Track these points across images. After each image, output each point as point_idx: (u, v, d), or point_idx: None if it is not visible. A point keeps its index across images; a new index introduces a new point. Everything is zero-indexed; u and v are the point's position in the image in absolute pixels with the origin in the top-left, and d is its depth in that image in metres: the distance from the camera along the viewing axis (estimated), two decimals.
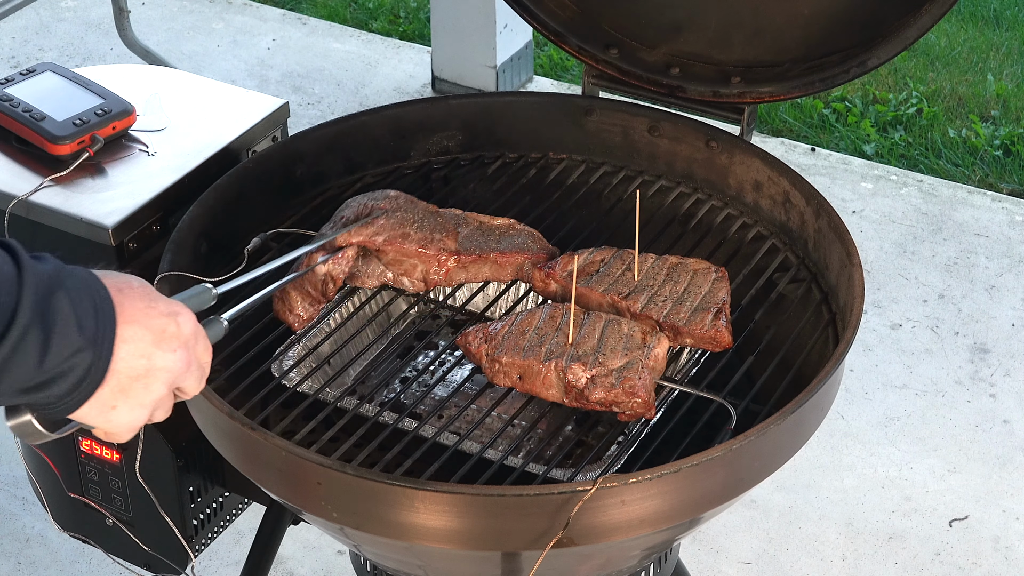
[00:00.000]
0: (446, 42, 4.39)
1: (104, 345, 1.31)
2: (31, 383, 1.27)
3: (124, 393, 1.35)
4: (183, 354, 1.39)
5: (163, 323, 1.37)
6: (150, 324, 1.36)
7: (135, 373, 1.35)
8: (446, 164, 2.29)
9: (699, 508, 1.71)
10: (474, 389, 1.96)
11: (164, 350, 1.37)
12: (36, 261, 1.28)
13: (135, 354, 1.35)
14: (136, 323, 1.35)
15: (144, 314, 1.36)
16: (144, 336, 1.35)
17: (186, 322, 1.40)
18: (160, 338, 1.37)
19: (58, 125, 2.08)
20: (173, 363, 1.38)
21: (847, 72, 2.08)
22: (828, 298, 2.00)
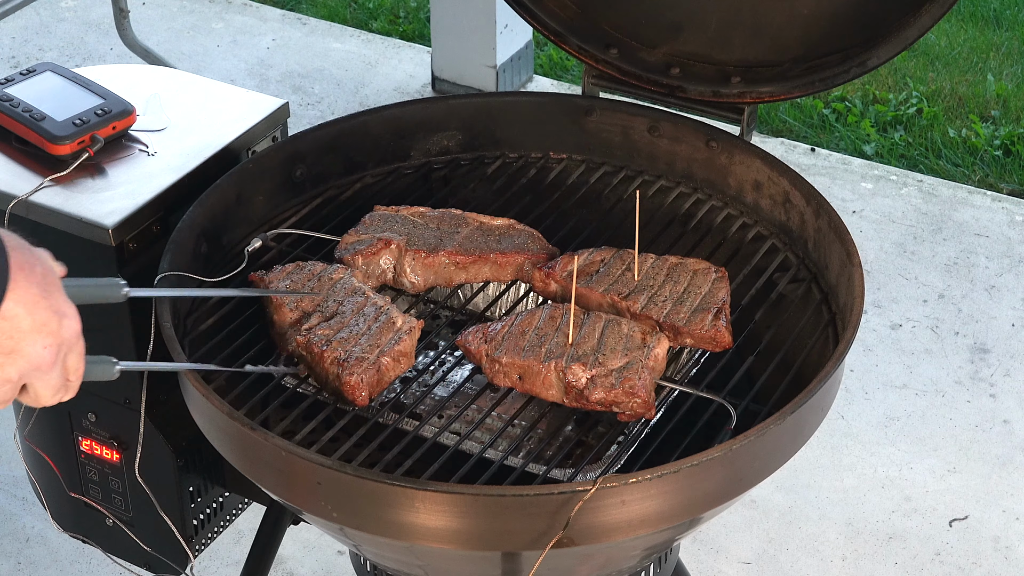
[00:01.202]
0: (446, 42, 4.39)
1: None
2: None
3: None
4: (51, 353, 1.38)
5: (46, 316, 1.36)
6: (34, 312, 1.35)
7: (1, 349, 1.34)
8: (446, 164, 2.29)
9: (699, 508, 1.71)
10: (474, 389, 1.96)
11: (35, 341, 1.36)
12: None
13: (6, 333, 1.33)
14: (21, 305, 1.33)
15: (33, 301, 1.34)
16: (24, 320, 1.34)
17: (69, 325, 1.39)
18: (37, 329, 1.36)
19: (58, 125, 2.08)
20: (38, 356, 1.37)
21: (847, 72, 2.08)
22: (828, 298, 2.00)
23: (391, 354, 1.82)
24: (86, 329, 2.09)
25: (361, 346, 1.83)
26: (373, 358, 1.82)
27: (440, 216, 2.08)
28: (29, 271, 1.34)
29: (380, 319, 1.87)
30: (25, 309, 1.34)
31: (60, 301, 1.38)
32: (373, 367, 1.81)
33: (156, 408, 2.10)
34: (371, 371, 1.80)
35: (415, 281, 2.01)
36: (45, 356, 1.37)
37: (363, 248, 2.00)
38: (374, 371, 1.80)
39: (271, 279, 1.95)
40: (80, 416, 2.17)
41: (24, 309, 1.34)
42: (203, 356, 1.89)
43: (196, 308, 1.98)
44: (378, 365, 1.81)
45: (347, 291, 1.92)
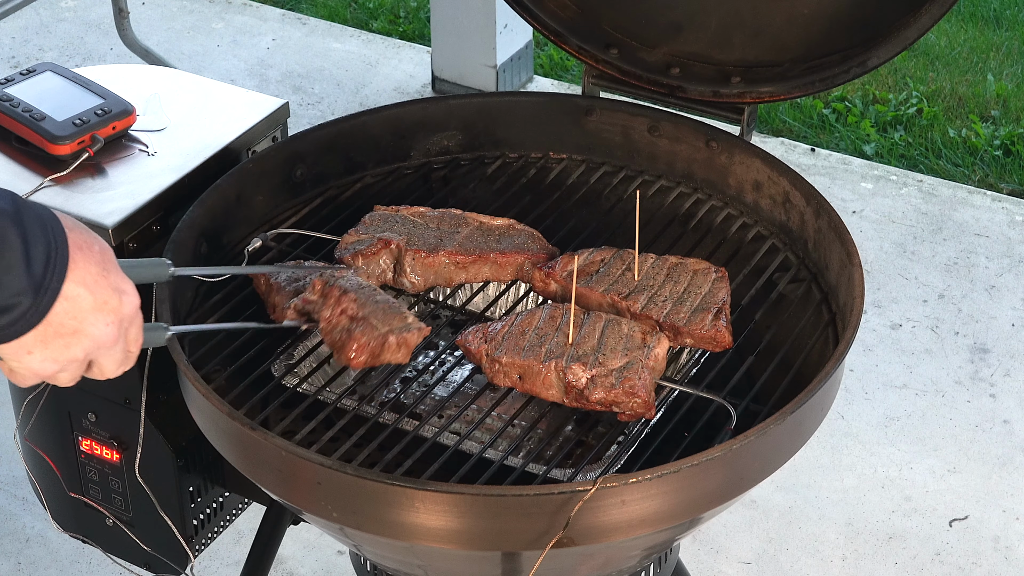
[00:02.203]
0: (446, 42, 4.39)
1: (46, 296, 1.32)
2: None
3: (44, 344, 1.36)
4: (113, 330, 1.40)
5: (107, 295, 1.38)
6: (95, 291, 1.37)
7: (63, 331, 1.36)
8: (446, 164, 2.29)
9: (699, 508, 1.71)
10: (474, 389, 1.96)
11: (98, 320, 1.38)
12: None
13: (70, 314, 1.36)
14: (83, 285, 1.36)
15: (93, 280, 1.37)
16: (85, 300, 1.36)
17: (129, 302, 1.41)
18: (99, 307, 1.38)
19: (58, 125, 2.08)
20: (101, 334, 1.39)
21: (847, 72, 2.08)
22: (828, 298, 2.00)
23: (399, 338, 1.82)
24: None
25: (377, 317, 1.83)
26: (383, 331, 1.81)
27: (440, 216, 2.08)
28: (88, 250, 1.37)
29: (391, 308, 1.86)
30: (87, 289, 1.36)
31: (119, 278, 1.41)
32: (380, 337, 1.80)
33: (156, 408, 2.10)
34: (378, 340, 1.79)
35: (415, 281, 2.01)
36: (108, 333, 1.40)
37: (363, 248, 2.00)
38: (379, 342, 1.79)
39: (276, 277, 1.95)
40: (80, 416, 2.17)
41: (85, 289, 1.36)
42: (203, 356, 1.89)
43: (196, 308, 1.98)
44: (384, 339, 1.80)
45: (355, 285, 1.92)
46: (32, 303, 1.32)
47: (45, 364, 1.38)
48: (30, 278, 1.30)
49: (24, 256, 1.29)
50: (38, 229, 1.32)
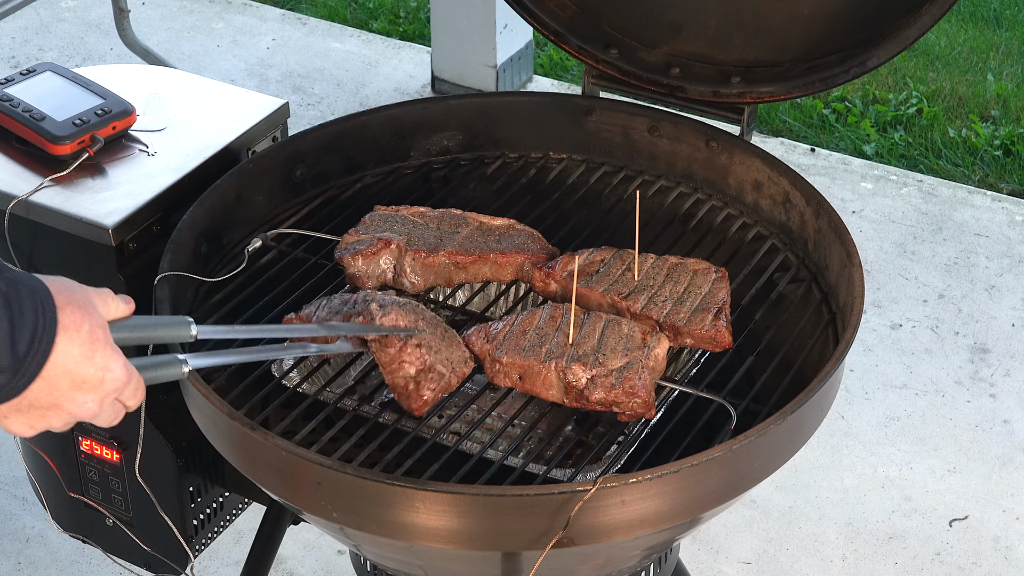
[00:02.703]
0: (446, 42, 4.39)
1: (25, 375, 1.33)
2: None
3: (21, 413, 1.38)
4: (94, 405, 1.40)
5: (90, 374, 1.38)
6: (76, 371, 1.37)
7: (40, 405, 1.37)
8: (446, 164, 2.29)
9: (699, 508, 1.71)
10: (474, 389, 1.96)
11: (77, 398, 1.39)
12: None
13: (47, 392, 1.36)
14: (63, 366, 1.36)
15: (75, 361, 1.37)
16: (63, 381, 1.37)
17: (113, 379, 1.40)
18: (78, 387, 1.38)
19: (58, 125, 2.08)
20: (80, 409, 1.40)
21: (847, 72, 2.08)
22: (828, 298, 2.00)
23: (458, 374, 1.82)
24: None
25: (438, 357, 1.81)
26: (447, 375, 1.80)
27: (440, 216, 2.08)
28: (75, 331, 1.36)
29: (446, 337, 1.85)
30: (65, 370, 1.36)
31: (104, 357, 1.39)
32: (445, 384, 1.80)
33: (156, 408, 2.10)
34: (443, 385, 1.80)
35: (415, 281, 2.01)
36: (88, 408, 1.40)
37: (363, 248, 2.00)
38: (443, 388, 1.80)
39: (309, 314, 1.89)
40: None
41: (64, 370, 1.36)
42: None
43: (195, 309, 1.98)
44: (448, 382, 1.81)
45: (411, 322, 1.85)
46: (10, 380, 1.32)
47: (21, 428, 1.39)
48: (13, 358, 1.31)
49: (9, 338, 1.30)
50: (29, 308, 1.32)
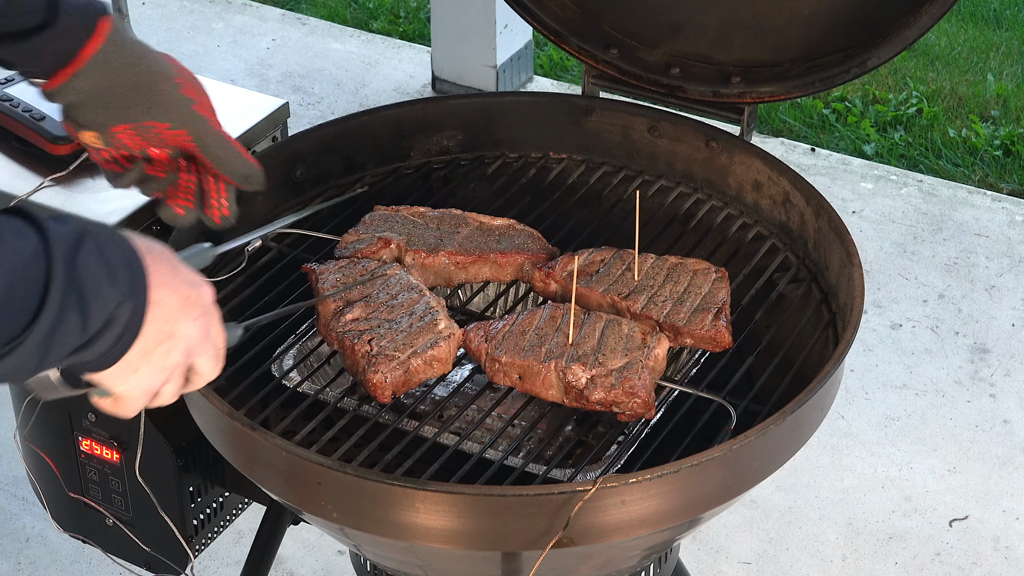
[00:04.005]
0: (446, 42, 4.39)
1: (140, 298, 1.32)
2: (78, 344, 1.29)
3: (147, 357, 1.37)
4: (202, 324, 1.41)
5: (187, 291, 1.39)
6: (176, 289, 1.37)
7: (160, 337, 1.36)
8: (446, 164, 2.29)
9: (699, 508, 1.71)
10: (474, 389, 1.96)
11: (187, 317, 1.39)
12: (57, 223, 1.29)
13: (162, 318, 1.36)
14: (164, 287, 1.36)
15: (170, 279, 1.37)
16: (170, 301, 1.36)
17: (207, 293, 1.42)
18: (184, 304, 1.38)
19: (58, 125, 2.08)
20: (193, 331, 1.40)
21: (847, 72, 2.08)
22: (828, 298, 2.00)
23: (423, 357, 1.81)
24: None
25: (395, 343, 1.82)
26: (403, 357, 1.80)
27: (440, 216, 2.08)
28: (155, 252, 1.37)
29: (425, 319, 1.86)
30: (168, 290, 1.36)
31: (188, 272, 1.41)
32: (401, 367, 1.80)
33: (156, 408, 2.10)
34: (398, 371, 1.79)
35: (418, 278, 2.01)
36: (198, 328, 1.40)
37: (363, 248, 2.00)
38: (401, 371, 1.79)
39: (323, 271, 1.95)
40: (80, 416, 2.17)
41: (168, 290, 1.36)
42: None
43: None
44: (407, 365, 1.80)
45: (403, 286, 1.92)
46: (133, 308, 1.32)
47: (153, 376, 1.39)
48: (117, 287, 1.30)
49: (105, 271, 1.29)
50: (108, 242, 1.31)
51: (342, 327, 1.85)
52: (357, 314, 1.86)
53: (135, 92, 1.70)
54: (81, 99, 1.68)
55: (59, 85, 1.66)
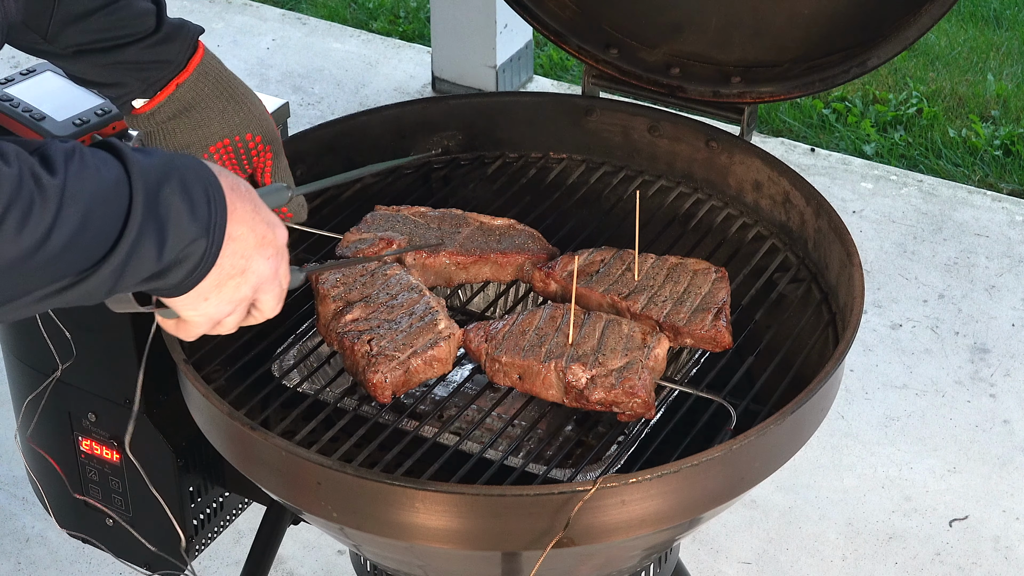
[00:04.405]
0: (446, 42, 4.39)
1: (217, 234, 1.36)
2: (151, 273, 1.33)
3: (219, 288, 1.40)
4: (274, 263, 1.45)
5: (264, 230, 1.43)
6: (255, 227, 1.41)
7: (233, 271, 1.40)
8: (446, 164, 2.29)
9: (699, 508, 1.71)
10: (474, 389, 1.96)
11: (261, 255, 1.43)
12: (143, 155, 1.33)
13: (237, 253, 1.40)
14: (243, 223, 1.40)
15: (251, 217, 1.41)
16: (248, 237, 1.41)
17: (282, 234, 1.46)
18: (260, 243, 1.42)
19: (58, 125, 2.08)
20: (265, 268, 1.44)
21: (847, 72, 2.08)
22: (828, 298, 2.00)
23: (423, 357, 1.81)
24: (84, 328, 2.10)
25: (395, 343, 1.82)
26: (403, 357, 1.81)
27: (441, 216, 2.08)
28: (238, 191, 1.41)
29: (425, 319, 1.86)
30: (247, 227, 1.41)
31: (268, 212, 1.45)
32: (401, 367, 1.80)
33: (156, 408, 2.10)
34: (398, 371, 1.79)
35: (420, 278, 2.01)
36: (270, 266, 1.45)
37: (365, 247, 2.00)
38: (401, 371, 1.79)
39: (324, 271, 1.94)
40: (80, 416, 2.18)
41: (246, 227, 1.40)
42: (203, 357, 1.89)
43: None
44: (407, 365, 1.80)
45: (403, 286, 1.92)
46: (207, 245, 1.35)
47: (220, 307, 1.43)
48: (196, 223, 1.33)
49: (187, 205, 1.33)
50: (192, 178, 1.35)
51: (342, 327, 1.85)
52: (357, 314, 1.86)
53: (237, 103, 1.76)
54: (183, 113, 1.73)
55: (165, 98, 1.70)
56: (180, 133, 1.78)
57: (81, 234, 1.26)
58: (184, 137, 1.78)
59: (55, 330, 2.08)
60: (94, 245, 1.28)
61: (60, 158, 1.26)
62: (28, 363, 2.19)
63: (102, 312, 2.04)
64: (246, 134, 1.80)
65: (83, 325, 2.07)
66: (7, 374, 2.27)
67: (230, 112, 1.79)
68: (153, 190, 1.31)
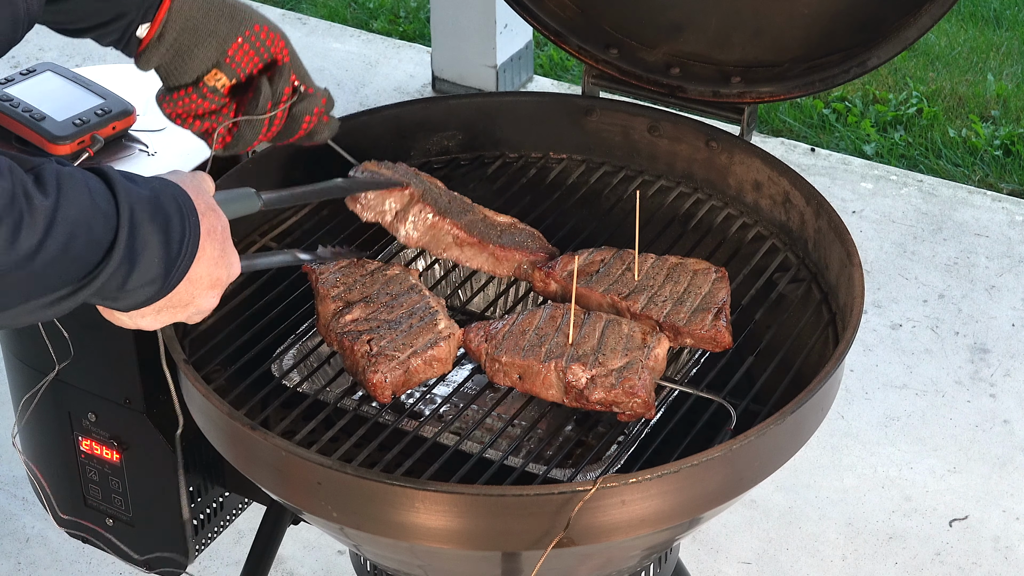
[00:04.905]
0: (446, 42, 4.39)
1: (172, 281, 1.46)
2: (107, 296, 1.42)
3: (158, 312, 1.50)
4: (216, 299, 1.55)
5: (220, 272, 1.53)
6: (212, 272, 1.51)
7: (179, 304, 1.50)
8: (446, 164, 2.29)
9: (699, 508, 1.71)
10: (474, 389, 1.96)
11: (208, 295, 1.53)
12: (134, 186, 1.40)
13: (188, 292, 1.50)
14: (205, 266, 1.50)
15: (215, 260, 1.51)
16: (203, 280, 1.51)
17: (235, 272, 1.56)
18: (213, 284, 1.52)
19: (58, 125, 2.08)
20: (206, 305, 1.55)
21: (847, 72, 2.08)
22: (828, 298, 2.00)
23: (423, 357, 1.81)
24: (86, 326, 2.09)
25: (395, 343, 1.82)
26: (403, 357, 1.80)
27: (452, 195, 2.07)
28: (213, 235, 1.51)
29: (425, 319, 1.86)
30: (207, 270, 1.51)
31: (230, 253, 1.55)
32: (401, 367, 1.79)
33: (156, 408, 2.10)
34: (398, 371, 1.79)
35: (410, 233, 1.99)
36: (212, 303, 1.55)
37: (380, 179, 1.98)
38: (401, 371, 1.79)
39: (323, 271, 1.95)
40: (80, 416, 2.17)
41: (206, 270, 1.50)
42: (203, 356, 1.89)
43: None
44: (407, 365, 1.80)
45: (403, 287, 1.92)
46: (159, 289, 1.45)
47: (153, 324, 1.52)
48: (162, 266, 1.43)
49: (163, 247, 1.42)
50: (175, 214, 1.44)
51: (342, 327, 1.85)
52: (357, 315, 1.86)
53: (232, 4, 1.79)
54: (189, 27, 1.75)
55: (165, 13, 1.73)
56: (197, 48, 1.79)
57: (65, 255, 1.32)
58: (202, 51, 1.79)
59: (54, 330, 2.08)
60: (76, 268, 1.35)
61: (53, 180, 1.31)
62: (27, 363, 2.18)
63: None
64: (254, 25, 1.81)
65: (82, 325, 2.07)
66: (7, 373, 2.27)
67: (229, 12, 1.80)
68: (137, 224, 1.38)
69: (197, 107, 1.82)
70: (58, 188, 1.31)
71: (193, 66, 1.80)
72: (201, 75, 1.80)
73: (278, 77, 1.83)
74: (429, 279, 2.20)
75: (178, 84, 1.81)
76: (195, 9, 1.77)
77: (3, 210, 1.25)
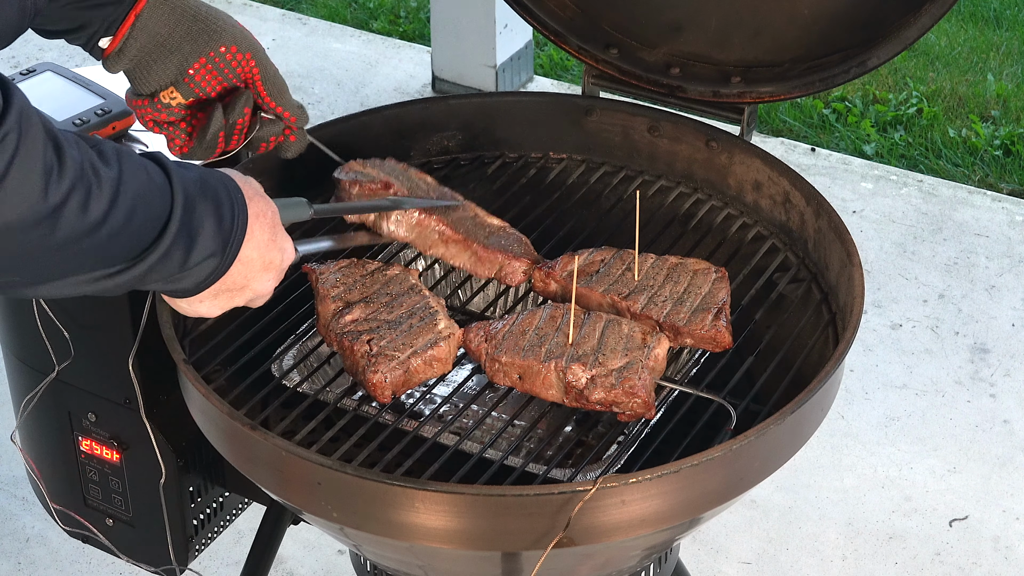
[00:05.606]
0: (446, 42, 4.39)
1: (230, 254, 1.51)
2: (169, 278, 1.47)
3: (215, 296, 1.56)
4: (273, 283, 1.61)
5: (273, 255, 1.58)
6: (265, 254, 1.56)
7: (234, 286, 1.56)
8: (446, 164, 2.29)
9: (699, 508, 1.71)
10: (474, 389, 1.96)
11: (263, 277, 1.58)
12: (183, 169, 1.45)
13: (242, 273, 1.55)
14: (256, 249, 1.55)
15: (265, 244, 1.56)
16: (255, 262, 1.55)
17: (288, 258, 1.62)
18: (265, 267, 1.58)
19: (58, 125, 2.07)
20: (263, 288, 1.60)
21: (847, 72, 2.08)
22: (828, 298, 2.00)
23: (423, 357, 1.81)
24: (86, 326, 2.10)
25: (395, 343, 1.82)
26: (403, 357, 1.80)
27: (442, 191, 2.05)
28: (263, 218, 1.56)
29: (425, 319, 1.86)
30: (258, 252, 1.56)
31: (282, 238, 1.60)
32: (401, 367, 1.79)
33: (156, 408, 2.10)
34: (398, 371, 1.79)
35: (395, 231, 1.98)
36: (269, 286, 1.61)
37: (364, 180, 1.99)
38: (401, 371, 1.79)
39: (323, 271, 1.95)
40: (80, 416, 2.17)
41: (258, 252, 1.56)
42: (203, 356, 1.89)
43: None
44: (406, 365, 1.80)
45: (402, 287, 1.92)
46: (217, 265, 1.50)
47: (211, 310, 1.59)
48: (216, 244, 1.48)
49: (215, 222, 1.47)
50: (225, 198, 1.49)
51: (342, 328, 1.85)
52: (357, 315, 1.86)
53: (202, 22, 1.80)
54: (152, 44, 1.77)
55: (127, 30, 1.75)
56: (155, 65, 1.80)
57: (127, 227, 1.36)
58: (161, 68, 1.80)
59: (54, 330, 2.08)
60: (135, 241, 1.39)
61: (114, 155, 1.37)
62: (27, 362, 2.19)
63: (101, 312, 2.05)
64: (219, 47, 1.81)
65: (82, 325, 2.07)
66: (7, 373, 2.27)
67: (196, 31, 1.80)
68: (191, 202, 1.43)
69: (154, 116, 1.84)
70: (119, 162, 1.36)
71: (151, 80, 1.81)
72: (157, 91, 1.81)
73: (232, 106, 1.84)
74: (429, 279, 2.20)
75: (138, 93, 1.83)
76: (162, 25, 1.78)
77: (76, 179, 1.31)
